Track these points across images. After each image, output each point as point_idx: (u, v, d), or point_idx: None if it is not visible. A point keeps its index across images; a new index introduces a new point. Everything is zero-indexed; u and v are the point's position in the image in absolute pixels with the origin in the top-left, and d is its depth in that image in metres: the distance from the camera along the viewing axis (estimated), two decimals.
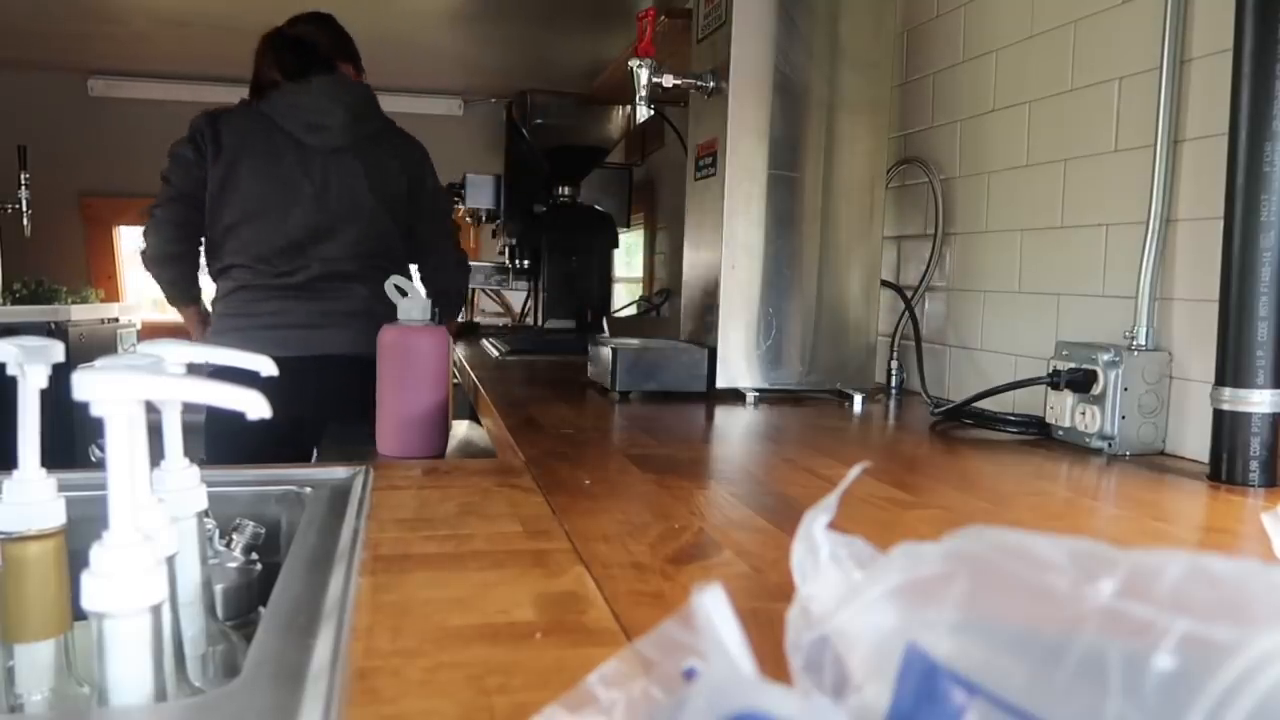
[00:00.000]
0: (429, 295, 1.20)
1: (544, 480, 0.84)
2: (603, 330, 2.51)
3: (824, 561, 0.35)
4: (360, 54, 2.02)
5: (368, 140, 1.87)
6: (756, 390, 1.41)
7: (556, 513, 0.73)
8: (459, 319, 2.48)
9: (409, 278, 1.88)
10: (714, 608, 0.29)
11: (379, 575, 0.57)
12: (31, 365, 0.48)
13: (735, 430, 1.20)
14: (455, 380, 1.88)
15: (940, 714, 0.27)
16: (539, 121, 2.70)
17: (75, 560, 0.45)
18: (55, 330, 2.97)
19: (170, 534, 0.47)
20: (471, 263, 3.17)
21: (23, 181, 3.21)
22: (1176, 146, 1.02)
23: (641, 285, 3.56)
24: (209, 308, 1.93)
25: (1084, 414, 1.04)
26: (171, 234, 1.90)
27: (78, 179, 3.76)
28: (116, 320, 3.43)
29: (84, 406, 0.42)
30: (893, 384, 1.55)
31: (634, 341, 1.52)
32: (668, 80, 1.42)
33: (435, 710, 0.40)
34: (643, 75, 1.41)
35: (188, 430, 0.57)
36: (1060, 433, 1.09)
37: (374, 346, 1.25)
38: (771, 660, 0.34)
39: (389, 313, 1.18)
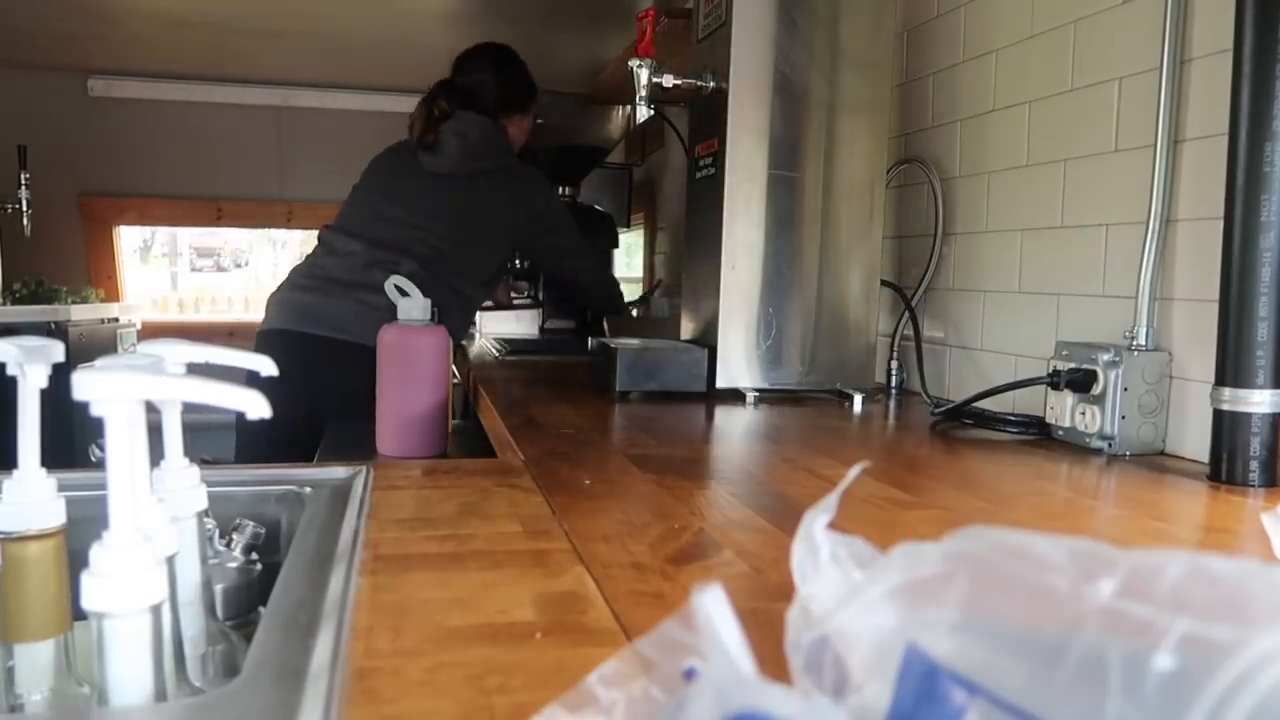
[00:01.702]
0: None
1: (544, 480, 0.84)
2: (603, 330, 2.51)
3: (824, 561, 0.35)
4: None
5: (474, 174, 1.97)
6: (756, 390, 1.41)
7: (556, 513, 0.73)
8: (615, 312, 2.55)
9: (472, 294, 2.01)
10: (714, 608, 0.29)
11: (379, 575, 0.57)
12: (31, 365, 0.48)
13: (735, 430, 1.20)
14: (455, 380, 1.88)
15: (940, 714, 0.27)
16: (539, 121, 2.69)
17: (75, 560, 0.45)
18: (55, 330, 2.97)
19: (170, 534, 0.47)
20: None
21: (23, 181, 3.21)
22: (1176, 146, 1.02)
23: (641, 285, 3.56)
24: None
25: (1084, 414, 1.04)
26: None
27: (78, 179, 3.75)
28: (116, 320, 3.43)
29: (84, 406, 0.42)
30: (893, 384, 1.55)
31: (634, 341, 1.52)
32: (668, 80, 1.42)
33: (435, 710, 0.40)
34: (643, 75, 1.41)
35: (196, 429, 0.57)
36: (1060, 433, 1.09)
37: (372, 336, 1.27)
38: (771, 660, 0.34)
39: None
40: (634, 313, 2.59)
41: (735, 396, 1.41)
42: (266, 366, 0.59)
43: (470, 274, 1.98)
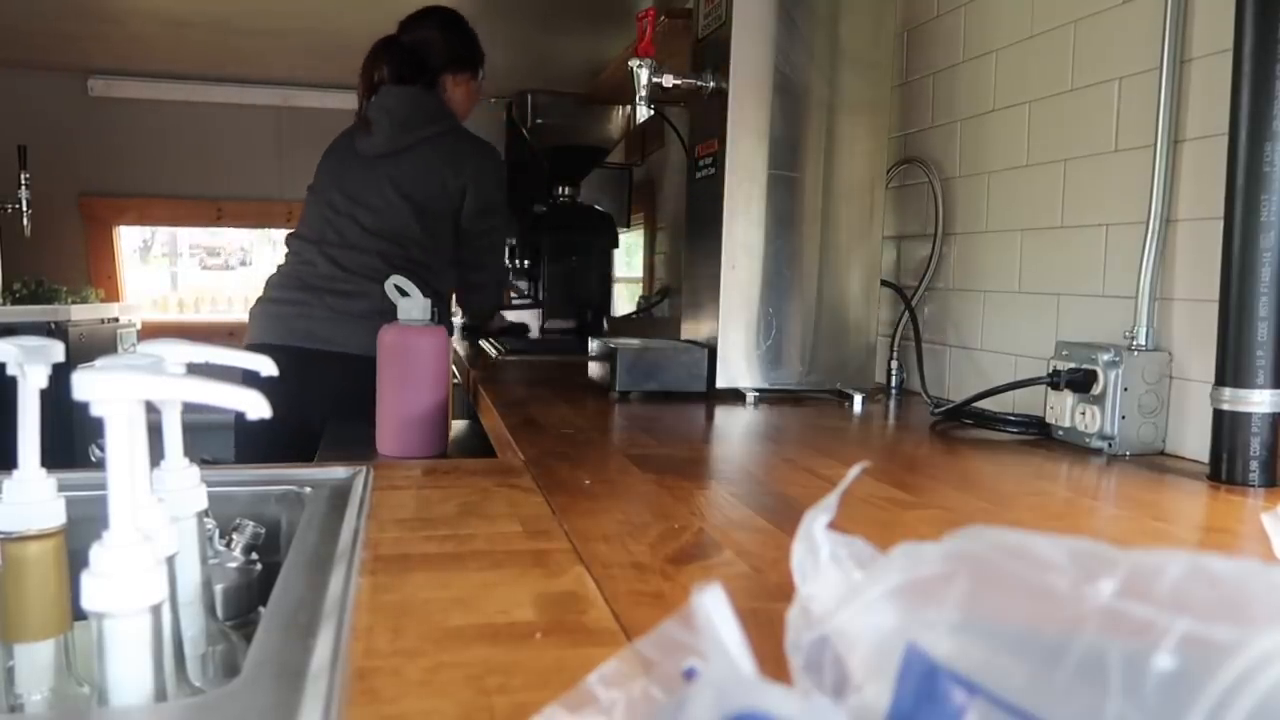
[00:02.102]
0: (463, 307, 1.20)
1: (544, 480, 0.84)
2: (603, 330, 2.51)
3: (824, 561, 0.35)
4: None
5: (412, 146, 1.90)
6: (756, 390, 1.41)
7: (556, 513, 0.73)
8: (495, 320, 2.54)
9: (441, 284, 1.94)
10: (714, 608, 0.29)
11: (379, 575, 0.57)
12: (31, 365, 0.48)
13: (735, 430, 1.20)
14: (455, 380, 1.88)
15: (940, 714, 0.27)
16: (539, 121, 2.70)
17: (75, 560, 0.45)
18: (55, 330, 2.97)
19: (170, 534, 0.47)
20: None
21: (23, 181, 3.20)
22: (1176, 146, 1.02)
23: (641, 285, 3.56)
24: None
25: (1084, 414, 1.04)
26: None
27: (78, 179, 3.75)
28: (116, 320, 3.43)
29: (84, 406, 0.41)
30: (893, 384, 1.55)
31: (634, 341, 1.52)
32: (668, 80, 1.42)
33: (435, 710, 0.40)
34: (643, 75, 1.41)
35: (196, 429, 0.57)
36: (1060, 433, 1.09)
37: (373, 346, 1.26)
38: (771, 660, 0.34)
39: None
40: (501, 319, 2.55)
41: (735, 396, 1.41)
42: (266, 367, 0.59)
43: (433, 260, 1.93)
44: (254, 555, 0.73)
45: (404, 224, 1.88)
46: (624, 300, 3.65)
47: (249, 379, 0.50)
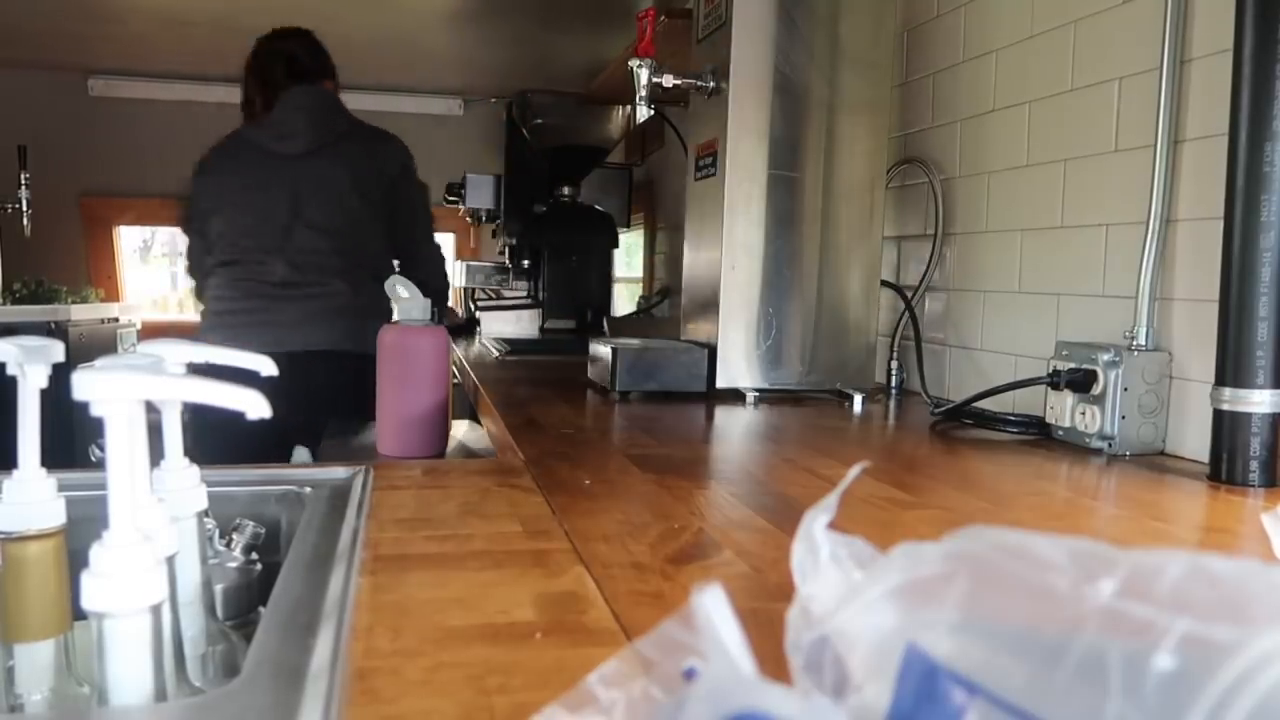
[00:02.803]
0: (422, 288, 1.22)
1: (544, 480, 0.84)
2: (603, 330, 2.51)
3: (824, 561, 0.35)
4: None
5: (340, 140, 1.94)
6: (756, 390, 1.41)
7: (556, 513, 0.73)
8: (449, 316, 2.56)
9: (389, 273, 1.93)
10: (714, 608, 0.29)
11: (379, 575, 0.57)
12: (31, 365, 0.48)
13: (735, 430, 1.20)
14: (455, 380, 1.88)
15: (940, 714, 0.27)
16: (539, 121, 2.70)
17: (75, 560, 0.45)
18: (55, 330, 2.97)
19: (170, 534, 0.47)
20: (471, 263, 3.18)
21: (23, 181, 3.20)
22: (1176, 146, 1.02)
23: (641, 285, 3.56)
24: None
25: (1084, 414, 1.04)
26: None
27: (78, 179, 3.75)
28: (116, 320, 3.43)
29: (84, 406, 0.41)
30: (893, 384, 1.55)
31: (634, 341, 1.52)
32: (668, 80, 1.42)
33: (435, 710, 0.40)
34: (643, 75, 1.41)
35: (186, 430, 0.57)
36: (1060, 433, 1.09)
37: (360, 342, 1.25)
38: (771, 660, 0.34)
39: (372, 307, 1.19)
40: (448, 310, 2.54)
41: (735, 396, 1.41)
42: (266, 367, 0.59)
43: (379, 258, 1.98)
44: (254, 555, 0.73)
45: (352, 217, 1.91)
46: (624, 300, 3.65)
47: (248, 379, 0.50)
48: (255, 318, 1.88)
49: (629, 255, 3.77)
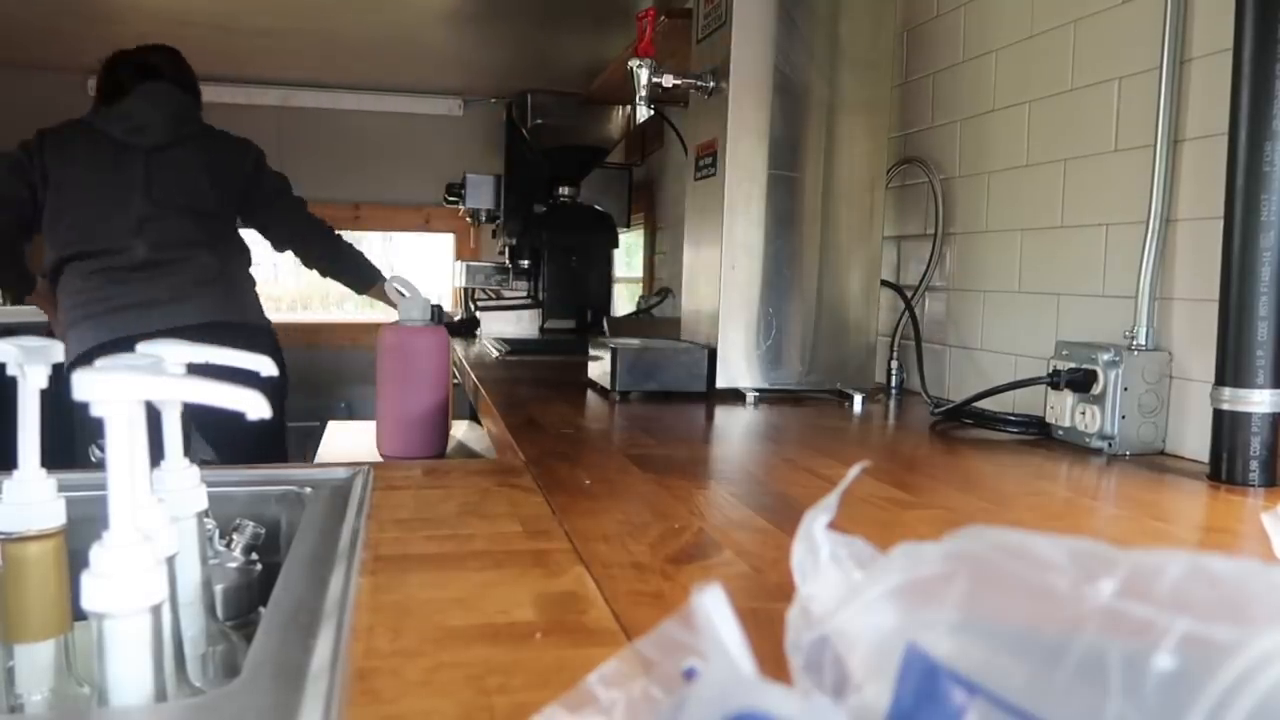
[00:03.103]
0: (326, 263, 1.24)
1: (544, 480, 0.84)
2: (603, 330, 2.51)
3: (824, 561, 0.35)
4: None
5: (192, 137, 2.04)
6: (756, 390, 1.41)
7: (556, 513, 0.73)
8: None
9: (247, 250, 2.13)
10: (714, 608, 0.29)
11: (379, 575, 0.57)
12: (31, 365, 0.48)
13: (735, 430, 1.20)
14: (455, 380, 1.88)
15: (940, 714, 0.27)
16: (539, 121, 2.70)
17: (75, 560, 0.45)
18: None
19: (170, 534, 0.47)
20: (471, 263, 3.18)
21: None
22: (1176, 146, 1.02)
23: (641, 285, 3.56)
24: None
25: (1084, 414, 1.04)
26: None
27: None
28: None
29: (84, 406, 0.41)
30: (893, 384, 1.55)
31: (634, 341, 1.52)
32: (668, 80, 1.42)
33: (435, 710, 0.40)
34: (643, 75, 1.41)
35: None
36: (1060, 433, 1.09)
37: (239, 310, 1.38)
38: (771, 660, 0.34)
39: (240, 275, 1.20)
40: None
41: (735, 396, 1.41)
42: (266, 367, 0.59)
43: (237, 234, 2.09)
44: (254, 555, 0.73)
45: (211, 198, 2.01)
46: (624, 300, 3.65)
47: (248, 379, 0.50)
48: (121, 302, 1.90)
49: (629, 255, 3.77)
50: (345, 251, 2.27)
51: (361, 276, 2.28)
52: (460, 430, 1.75)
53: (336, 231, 2.28)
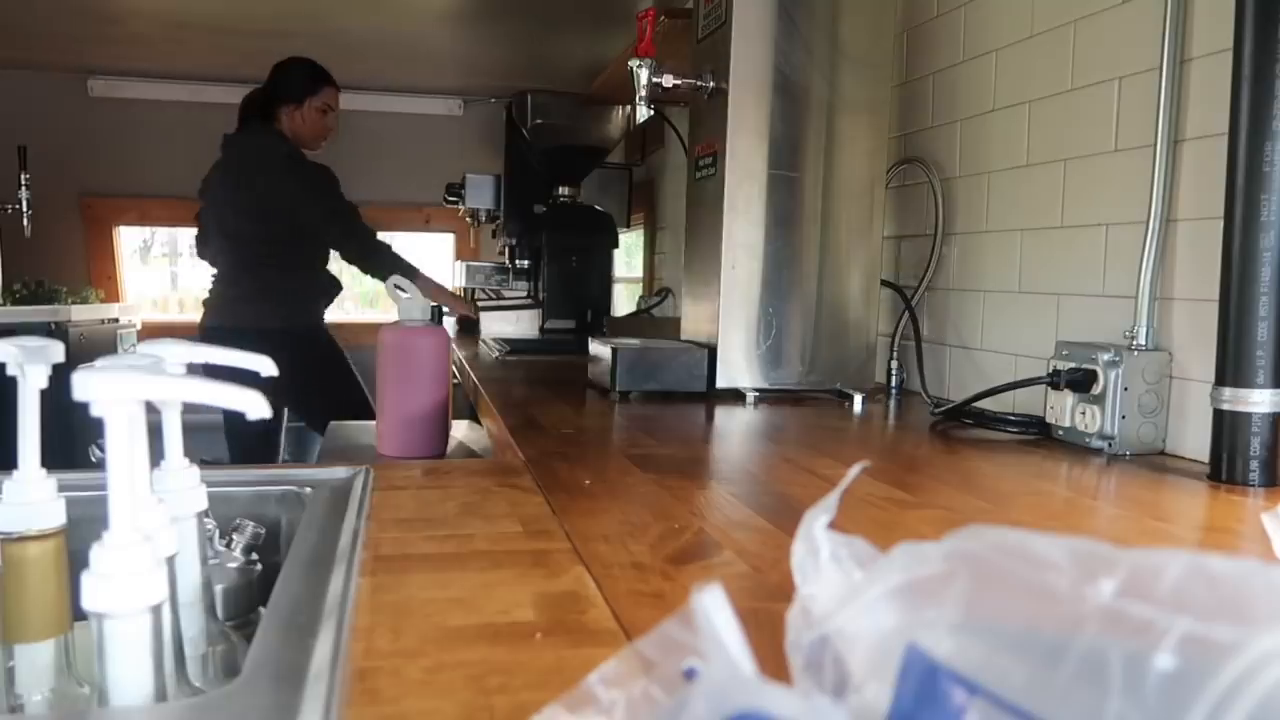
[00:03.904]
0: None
1: (544, 480, 0.84)
2: (603, 330, 2.51)
3: (824, 561, 0.35)
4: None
5: (239, 173, 2.52)
6: (756, 390, 1.41)
7: (556, 513, 0.73)
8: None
9: (292, 271, 2.53)
10: (714, 608, 0.29)
11: (379, 575, 0.57)
12: (31, 365, 0.48)
13: (735, 430, 1.20)
14: (455, 380, 1.88)
15: (940, 714, 0.27)
16: (539, 121, 2.70)
17: (75, 560, 0.45)
18: (55, 330, 2.97)
19: (170, 534, 0.47)
20: (471, 263, 3.18)
21: (23, 181, 3.20)
22: (1176, 146, 1.02)
23: (641, 285, 3.56)
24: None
25: (1084, 414, 1.04)
26: None
27: (78, 179, 3.75)
28: (116, 320, 3.43)
29: (84, 406, 0.41)
30: (893, 384, 1.55)
31: (634, 341, 1.52)
32: (668, 80, 1.42)
33: (435, 710, 0.40)
34: (643, 75, 1.41)
35: (197, 429, 0.57)
36: (1060, 433, 1.09)
37: (249, 319, 1.84)
38: (771, 660, 0.34)
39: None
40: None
41: (735, 396, 1.41)
42: (266, 367, 0.59)
43: (270, 249, 2.55)
44: (254, 555, 0.73)
45: (239, 227, 2.56)
46: (624, 300, 3.65)
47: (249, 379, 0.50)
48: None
49: (629, 255, 3.77)
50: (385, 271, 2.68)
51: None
52: (460, 430, 1.75)
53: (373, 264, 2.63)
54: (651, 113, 1.45)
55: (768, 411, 1.32)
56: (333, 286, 2.68)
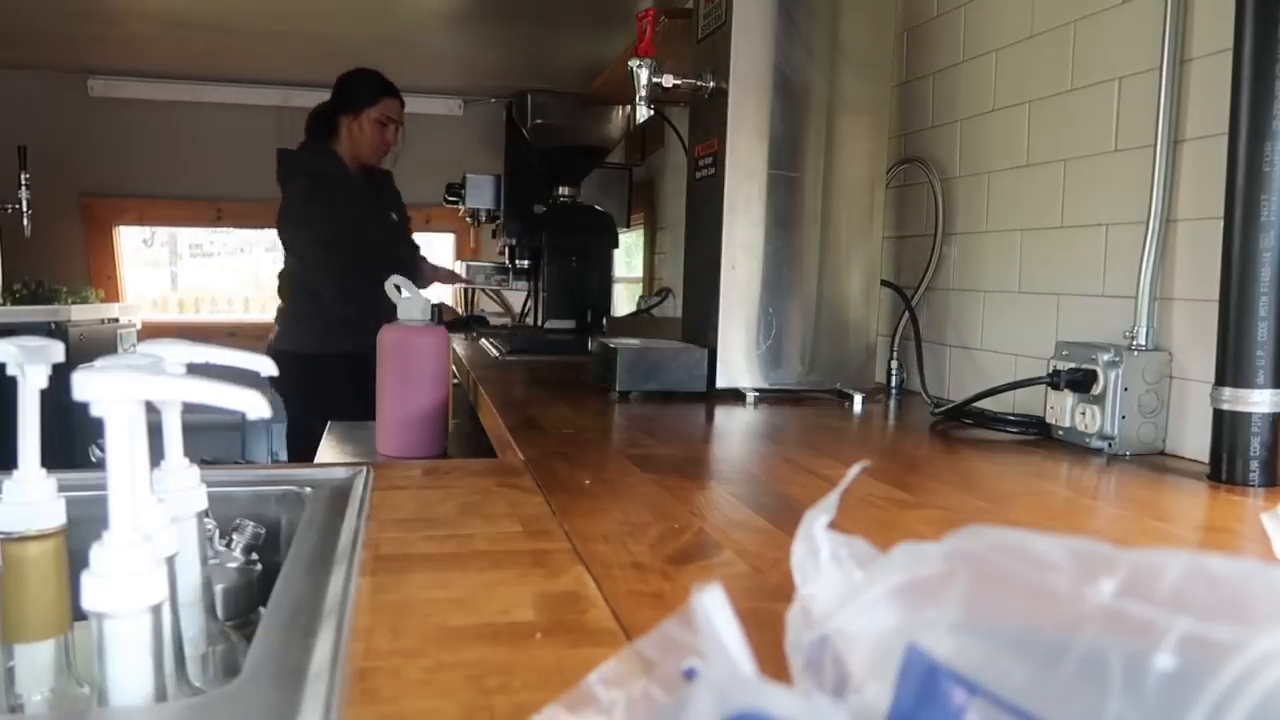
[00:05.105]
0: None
1: (544, 480, 0.84)
2: (603, 330, 2.51)
3: (824, 561, 0.35)
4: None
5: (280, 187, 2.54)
6: (756, 390, 1.41)
7: (556, 513, 0.73)
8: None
9: (318, 291, 2.49)
10: (714, 608, 0.29)
11: (379, 575, 0.57)
12: (31, 365, 0.48)
13: (735, 430, 1.20)
14: (455, 380, 1.88)
15: (940, 714, 0.27)
16: (539, 121, 2.70)
17: (75, 560, 0.45)
18: (55, 330, 2.97)
19: (170, 534, 0.47)
20: (471, 263, 3.18)
21: (23, 181, 3.20)
22: (1176, 146, 1.02)
23: (641, 285, 3.56)
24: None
25: (1084, 414, 1.04)
26: None
27: (78, 179, 3.75)
28: (116, 320, 3.43)
29: (84, 406, 0.41)
30: (893, 384, 1.55)
31: (634, 341, 1.52)
32: (668, 80, 1.42)
33: (435, 710, 0.40)
34: (643, 75, 1.41)
35: (197, 429, 0.57)
36: (1060, 433, 1.09)
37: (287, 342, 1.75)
38: (771, 660, 0.34)
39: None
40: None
41: (735, 396, 1.41)
42: (266, 367, 0.59)
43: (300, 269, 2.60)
44: (254, 555, 0.73)
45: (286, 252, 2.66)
46: (624, 300, 3.65)
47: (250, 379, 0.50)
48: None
49: (629, 255, 3.77)
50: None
51: None
52: (460, 430, 1.75)
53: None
54: (651, 113, 1.45)
55: (768, 411, 1.32)
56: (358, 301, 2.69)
